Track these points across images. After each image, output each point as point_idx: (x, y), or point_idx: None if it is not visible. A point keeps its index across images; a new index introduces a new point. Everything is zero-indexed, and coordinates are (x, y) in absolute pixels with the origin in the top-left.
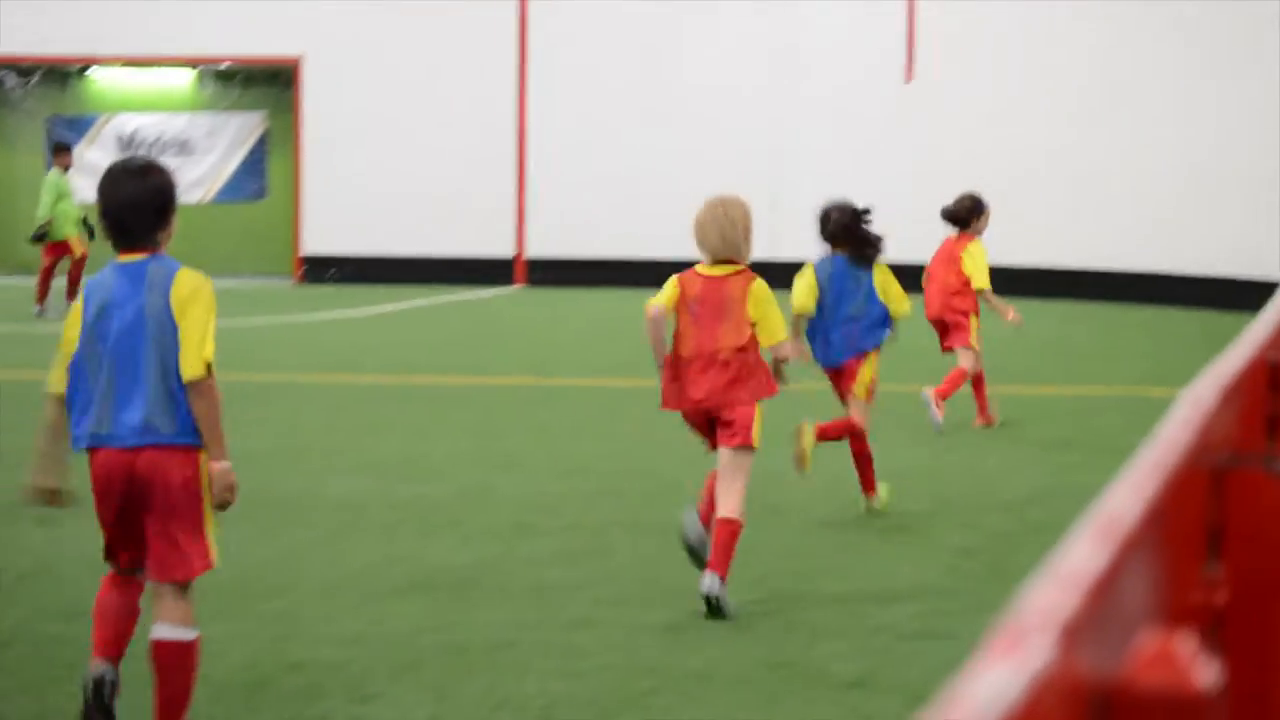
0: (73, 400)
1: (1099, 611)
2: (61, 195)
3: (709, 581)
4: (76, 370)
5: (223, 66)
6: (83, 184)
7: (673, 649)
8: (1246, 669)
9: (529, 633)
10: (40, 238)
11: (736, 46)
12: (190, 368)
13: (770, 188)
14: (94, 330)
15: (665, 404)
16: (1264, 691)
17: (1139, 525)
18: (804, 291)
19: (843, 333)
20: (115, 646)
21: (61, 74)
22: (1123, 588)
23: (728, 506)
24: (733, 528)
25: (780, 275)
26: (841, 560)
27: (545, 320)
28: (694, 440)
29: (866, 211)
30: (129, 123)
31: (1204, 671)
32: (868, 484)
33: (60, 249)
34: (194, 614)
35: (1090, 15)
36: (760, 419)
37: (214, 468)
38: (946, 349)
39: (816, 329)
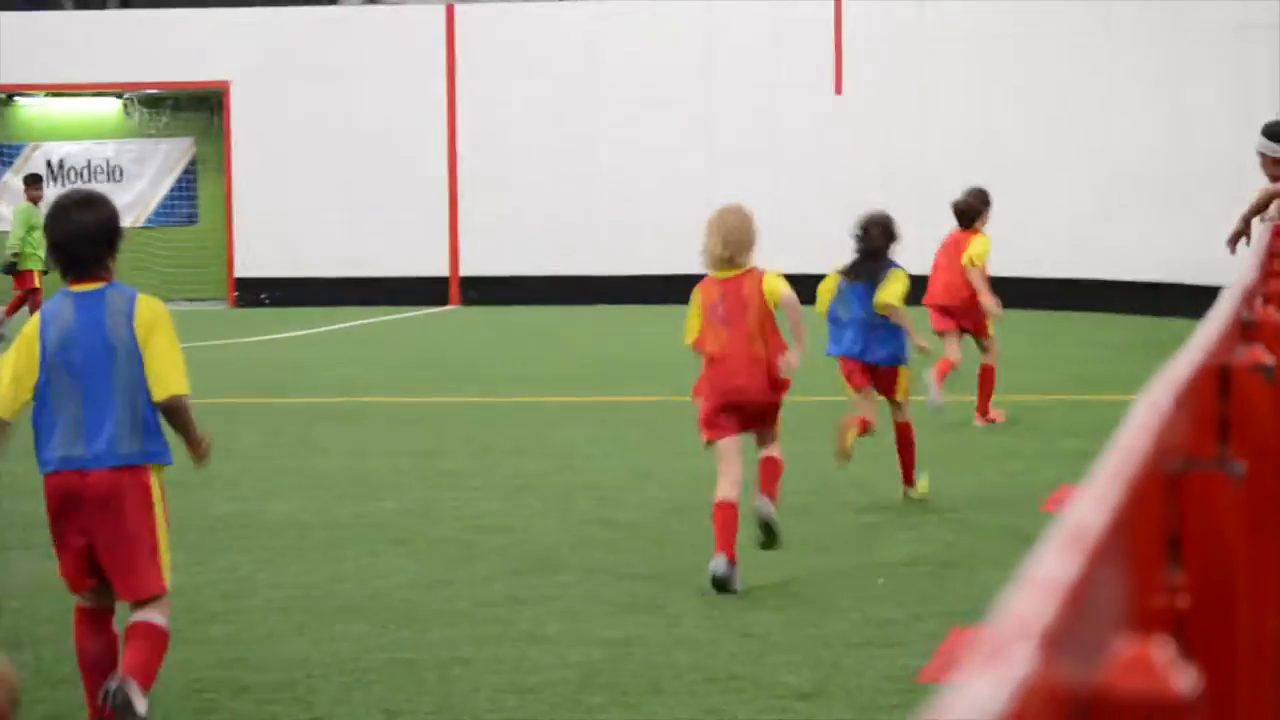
0: (38, 428)
1: (1074, 619)
2: (32, 227)
3: (762, 504)
4: (41, 399)
5: (150, 93)
6: (6, 211)
7: (623, 663)
8: (1211, 673)
9: (479, 649)
10: (10, 268)
11: (666, 56)
12: (175, 385)
13: (704, 201)
14: (57, 360)
15: (706, 397)
16: (1229, 694)
17: (1106, 533)
18: (824, 295)
19: (878, 336)
20: (102, 679)
21: None
22: (1095, 595)
23: (771, 451)
24: (779, 463)
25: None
26: (787, 571)
27: (482, 338)
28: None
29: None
30: (56, 150)
31: (1182, 676)
32: (909, 473)
33: (30, 279)
34: (170, 614)
35: (1029, 19)
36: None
37: (203, 445)
38: (942, 330)
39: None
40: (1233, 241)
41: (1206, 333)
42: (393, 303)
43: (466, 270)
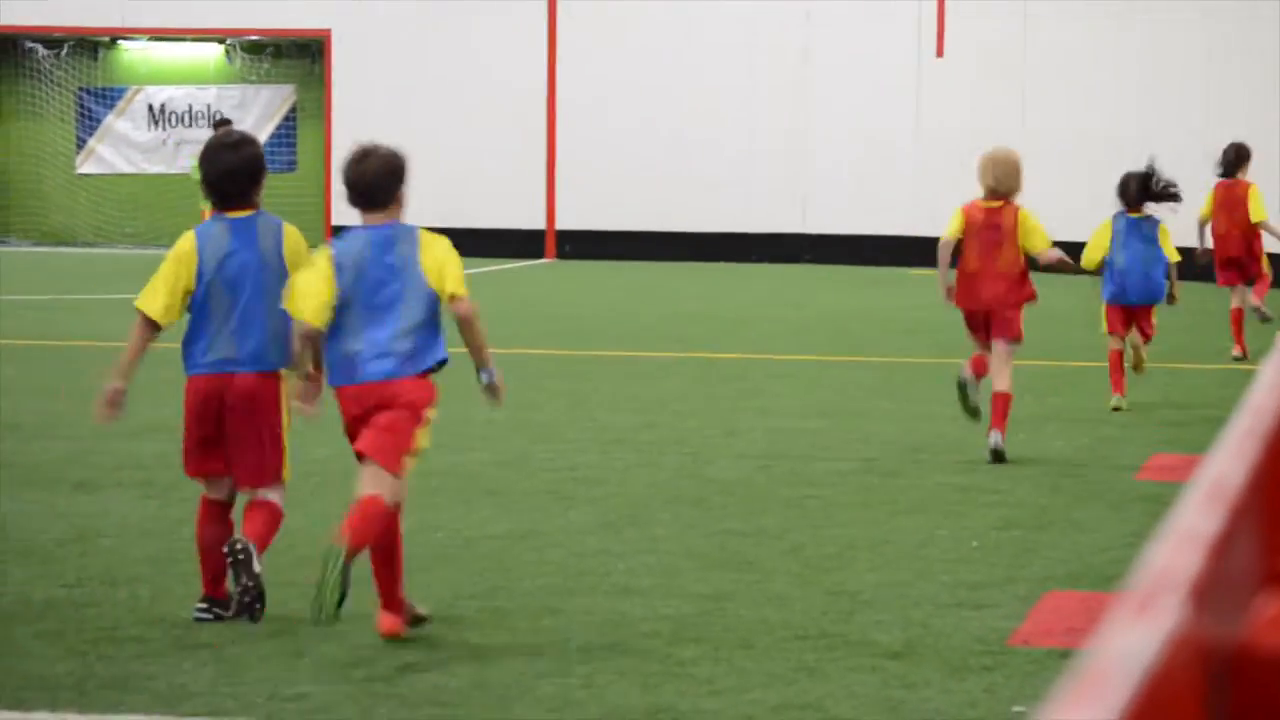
0: (191, 334)
1: (1218, 574)
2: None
3: (994, 437)
4: (198, 309)
5: (252, 39)
6: (109, 154)
7: (716, 618)
8: None
9: (570, 600)
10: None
11: (764, 17)
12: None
13: (801, 157)
14: (215, 275)
15: (958, 303)
16: None
17: (1243, 489)
18: (1095, 243)
19: (1138, 276)
20: (221, 584)
21: (91, 45)
22: (1235, 551)
23: (1003, 383)
24: (1008, 398)
25: (816, 247)
26: (878, 532)
27: (576, 292)
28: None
29: (1153, 175)
30: (158, 94)
31: None
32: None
33: None
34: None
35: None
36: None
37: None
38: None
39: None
40: None
41: None
42: (489, 254)
43: (563, 224)
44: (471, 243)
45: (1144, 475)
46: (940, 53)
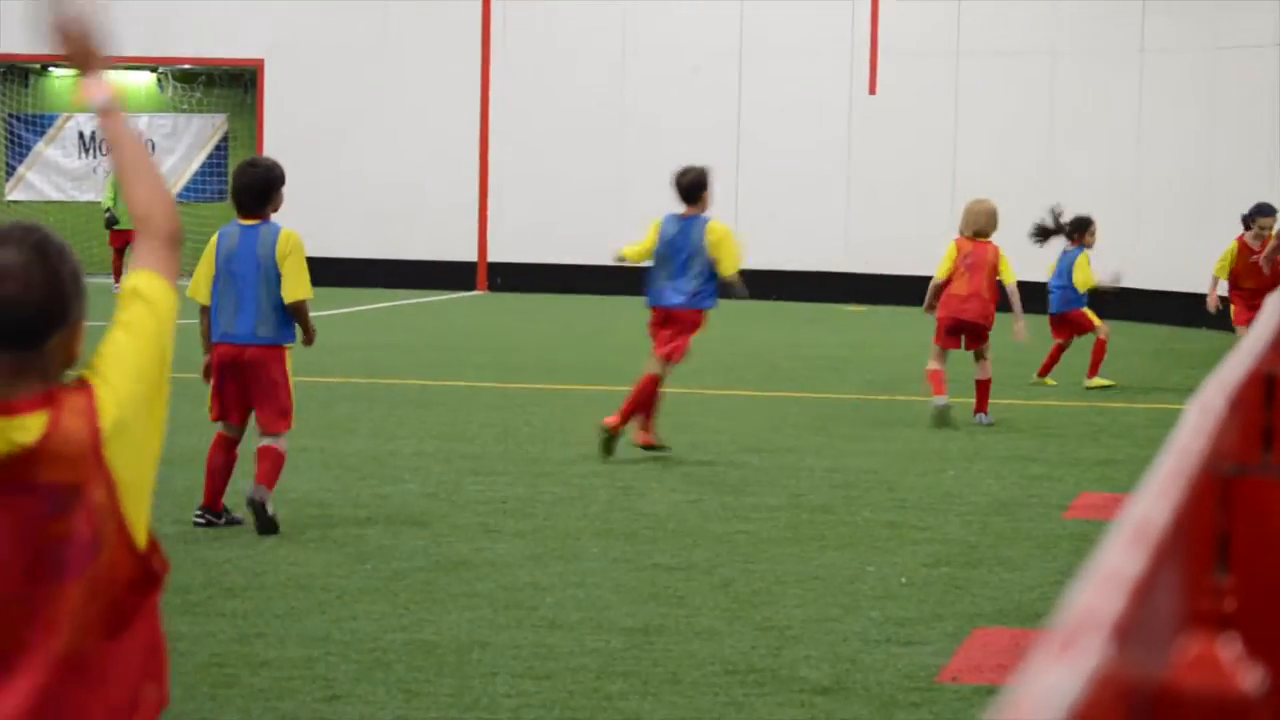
0: (213, 310)
1: (1141, 614)
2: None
3: (980, 418)
4: (215, 291)
5: (184, 68)
6: (39, 181)
7: (644, 652)
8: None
9: (499, 633)
10: (111, 223)
11: (697, 49)
12: (300, 293)
13: (732, 194)
14: (225, 269)
15: (943, 315)
16: (1276, 700)
17: (1168, 530)
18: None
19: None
20: (220, 499)
21: (22, 72)
22: (1158, 591)
23: (984, 374)
24: (987, 383)
25: (748, 282)
26: (807, 567)
27: (507, 324)
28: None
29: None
30: (89, 122)
31: (1247, 675)
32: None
33: (126, 236)
34: (287, 445)
35: (1021, 30)
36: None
37: (311, 334)
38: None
39: None
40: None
41: (1254, 340)
42: (420, 285)
43: (495, 256)
44: (403, 274)
45: (1072, 514)
46: (873, 90)
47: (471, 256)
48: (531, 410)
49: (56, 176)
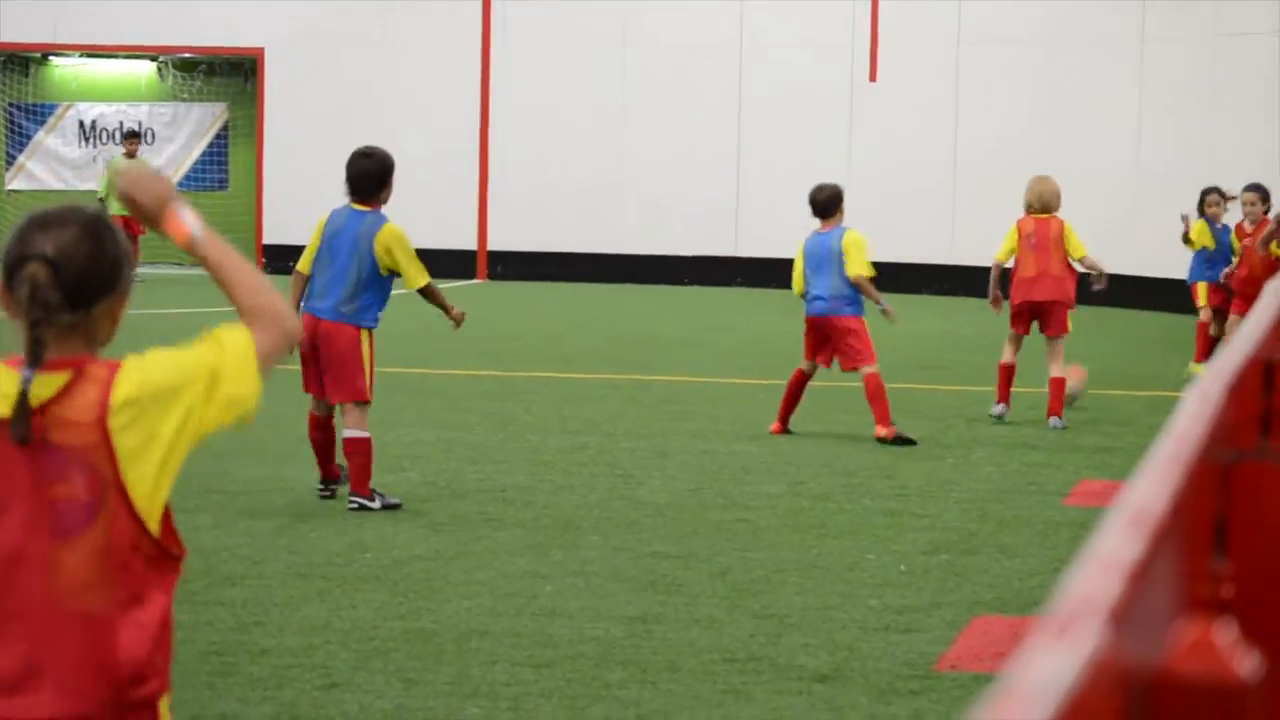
0: (310, 282)
1: (1138, 599)
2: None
3: (1054, 421)
4: (314, 265)
5: (184, 57)
6: (39, 170)
7: (644, 640)
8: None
9: (498, 621)
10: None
11: (698, 40)
12: (419, 279)
13: (734, 182)
14: (327, 245)
15: (1014, 299)
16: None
17: (1166, 516)
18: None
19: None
20: (330, 468)
21: (22, 61)
22: (1156, 577)
23: (1058, 370)
24: (1061, 381)
25: (748, 271)
26: (806, 555)
27: (508, 313)
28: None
29: None
30: (89, 111)
31: (1244, 660)
32: None
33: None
34: (367, 422)
35: (1038, 18)
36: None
37: (455, 312)
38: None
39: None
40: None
41: (1253, 327)
42: None
43: (495, 245)
44: None
45: (1071, 501)
46: (874, 78)
47: (471, 245)
48: (531, 399)
49: (57, 165)
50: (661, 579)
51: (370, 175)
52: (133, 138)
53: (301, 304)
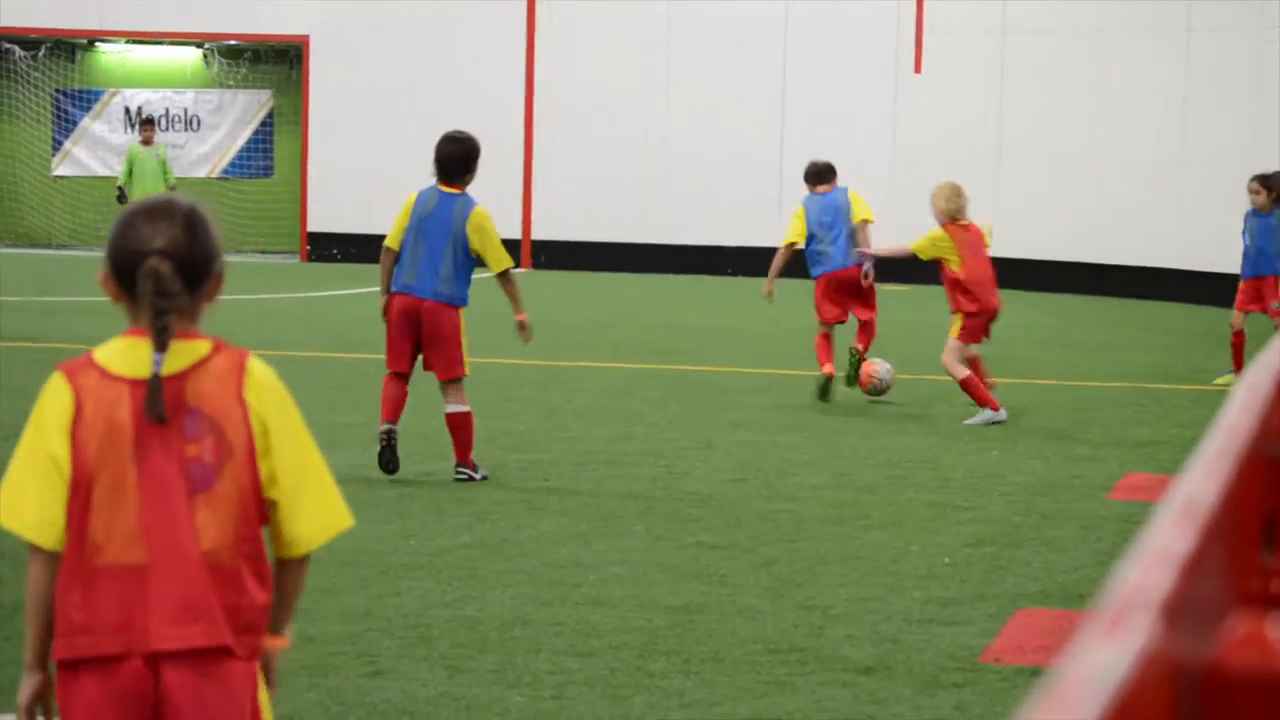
0: (399, 262)
1: (1189, 592)
2: (134, 163)
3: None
4: (404, 245)
5: (230, 44)
6: (85, 156)
7: (687, 630)
8: None
9: (541, 610)
10: (122, 199)
11: (743, 30)
12: (502, 262)
13: (777, 173)
14: (418, 225)
15: (977, 308)
16: None
17: (1216, 510)
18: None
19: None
20: (396, 413)
21: (69, 47)
22: (1207, 571)
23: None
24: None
25: (792, 262)
26: (850, 546)
27: (551, 302)
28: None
29: None
30: (135, 97)
31: None
32: None
33: None
34: (465, 396)
35: (1083, 9)
36: None
37: (522, 317)
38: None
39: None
40: None
41: None
42: None
43: (539, 234)
44: None
45: (1116, 494)
46: (919, 69)
47: (515, 234)
48: (575, 388)
49: (102, 151)
50: (705, 569)
51: (458, 159)
52: (149, 124)
53: (393, 283)
